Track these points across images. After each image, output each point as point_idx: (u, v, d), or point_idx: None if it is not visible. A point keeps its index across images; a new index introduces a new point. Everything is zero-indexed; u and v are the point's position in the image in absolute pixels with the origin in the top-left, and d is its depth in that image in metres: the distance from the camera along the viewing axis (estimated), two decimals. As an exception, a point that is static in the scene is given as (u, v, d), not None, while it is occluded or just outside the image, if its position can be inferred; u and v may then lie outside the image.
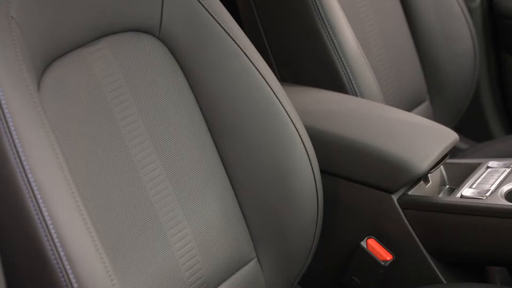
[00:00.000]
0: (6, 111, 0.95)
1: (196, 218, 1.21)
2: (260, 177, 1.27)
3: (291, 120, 1.27)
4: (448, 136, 1.42)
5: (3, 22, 1.00)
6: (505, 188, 1.32)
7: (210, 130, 1.27)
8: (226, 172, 1.27)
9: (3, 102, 0.95)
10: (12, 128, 0.94)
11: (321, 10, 1.59)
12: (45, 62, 1.09)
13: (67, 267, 0.93)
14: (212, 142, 1.27)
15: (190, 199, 1.21)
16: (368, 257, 1.36)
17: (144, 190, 1.15)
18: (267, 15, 1.67)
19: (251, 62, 1.27)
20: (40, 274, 0.94)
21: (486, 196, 1.30)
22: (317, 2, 1.59)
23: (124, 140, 1.15)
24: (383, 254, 1.35)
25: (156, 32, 1.24)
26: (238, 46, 1.27)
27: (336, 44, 1.59)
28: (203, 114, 1.27)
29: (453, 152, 1.45)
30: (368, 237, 1.37)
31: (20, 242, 0.94)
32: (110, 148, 1.13)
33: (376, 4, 1.81)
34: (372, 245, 1.36)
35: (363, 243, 1.36)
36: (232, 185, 1.27)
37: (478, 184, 1.36)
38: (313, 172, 1.28)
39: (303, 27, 1.61)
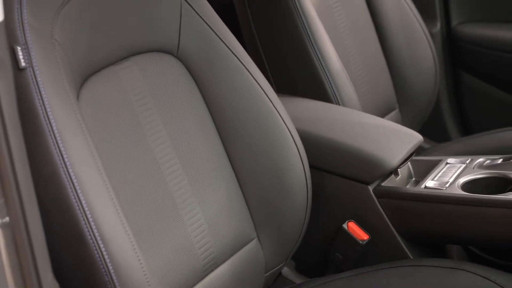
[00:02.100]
0: (51, 117, 0.94)
1: (207, 205, 1.20)
2: (260, 174, 1.26)
3: (286, 125, 1.26)
4: (414, 138, 1.42)
5: (49, 44, 0.99)
6: (461, 180, 1.32)
7: (219, 133, 1.26)
8: (232, 168, 1.26)
9: (48, 109, 0.94)
10: (55, 131, 0.94)
11: (310, 35, 1.59)
12: (83, 77, 1.08)
13: (101, 245, 0.93)
14: (221, 144, 1.26)
15: (202, 189, 1.20)
16: (348, 237, 1.35)
17: (165, 183, 1.14)
18: (265, 36, 1.66)
19: (252, 76, 1.26)
20: (78, 252, 0.93)
21: (445, 187, 1.30)
22: (307, 29, 1.59)
23: (148, 142, 1.14)
24: (361, 235, 1.35)
25: (175, 52, 1.24)
26: (241, 63, 1.26)
27: (322, 62, 1.59)
28: (213, 120, 1.26)
29: (418, 151, 1.44)
30: (349, 220, 1.36)
31: (62, 225, 0.94)
32: (137, 148, 1.12)
33: (355, 30, 1.80)
34: (352, 227, 1.36)
35: (344, 226, 1.36)
36: (237, 179, 1.26)
37: (439, 177, 1.35)
38: (303, 168, 1.27)
39: (295, 48, 1.61)
